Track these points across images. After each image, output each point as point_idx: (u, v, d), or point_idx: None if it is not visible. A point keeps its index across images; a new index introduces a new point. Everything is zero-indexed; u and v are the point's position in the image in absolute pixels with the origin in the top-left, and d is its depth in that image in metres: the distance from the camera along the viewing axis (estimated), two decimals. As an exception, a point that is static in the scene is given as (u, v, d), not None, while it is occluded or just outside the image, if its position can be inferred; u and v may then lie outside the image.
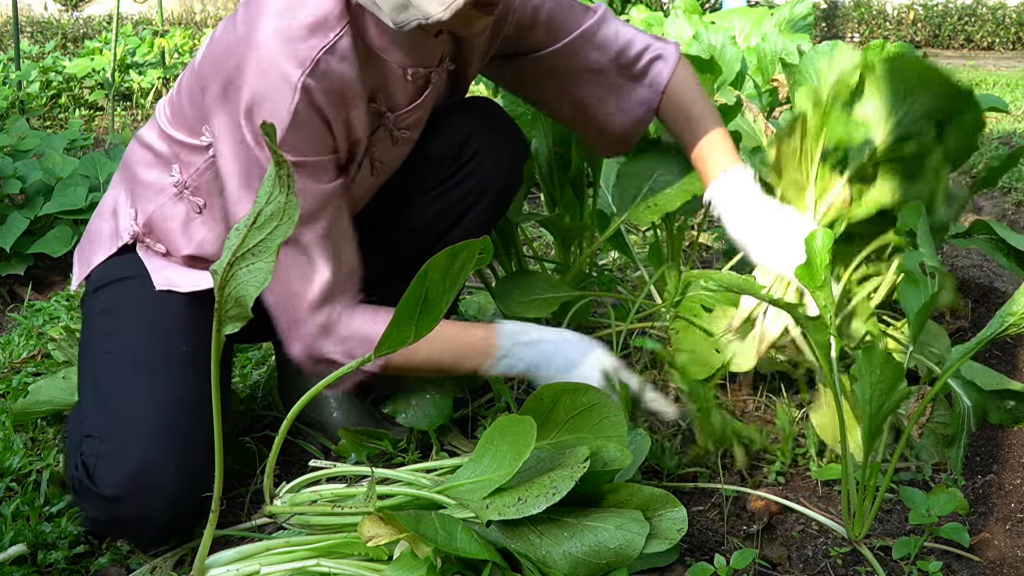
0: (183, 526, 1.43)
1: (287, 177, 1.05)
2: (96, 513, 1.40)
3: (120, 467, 1.37)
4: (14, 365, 2.18)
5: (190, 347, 1.50)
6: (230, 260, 1.07)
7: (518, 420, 1.24)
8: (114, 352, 1.50)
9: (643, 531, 1.21)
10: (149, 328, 1.51)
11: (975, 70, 8.35)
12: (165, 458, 1.37)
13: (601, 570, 1.20)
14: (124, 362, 1.48)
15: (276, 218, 1.07)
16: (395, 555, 1.20)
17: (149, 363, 1.47)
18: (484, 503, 1.19)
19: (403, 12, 1.32)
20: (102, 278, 1.58)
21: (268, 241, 1.08)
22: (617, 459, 1.28)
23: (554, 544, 1.20)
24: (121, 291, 1.55)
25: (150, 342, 1.50)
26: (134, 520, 1.37)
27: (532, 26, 1.64)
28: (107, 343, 1.51)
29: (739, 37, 3.93)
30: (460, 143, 1.66)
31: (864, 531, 1.37)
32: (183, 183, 1.52)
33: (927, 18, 11.03)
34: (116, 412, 1.43)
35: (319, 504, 1.33)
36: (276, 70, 1.34)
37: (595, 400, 1.34)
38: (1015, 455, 1.60)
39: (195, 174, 1.51)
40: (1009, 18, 10.80)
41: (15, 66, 5.61)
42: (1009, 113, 4.87)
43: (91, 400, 1.48)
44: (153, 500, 1.36)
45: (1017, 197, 3.20)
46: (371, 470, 1.32)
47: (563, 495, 1.16)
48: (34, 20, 11.21)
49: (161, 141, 1.55)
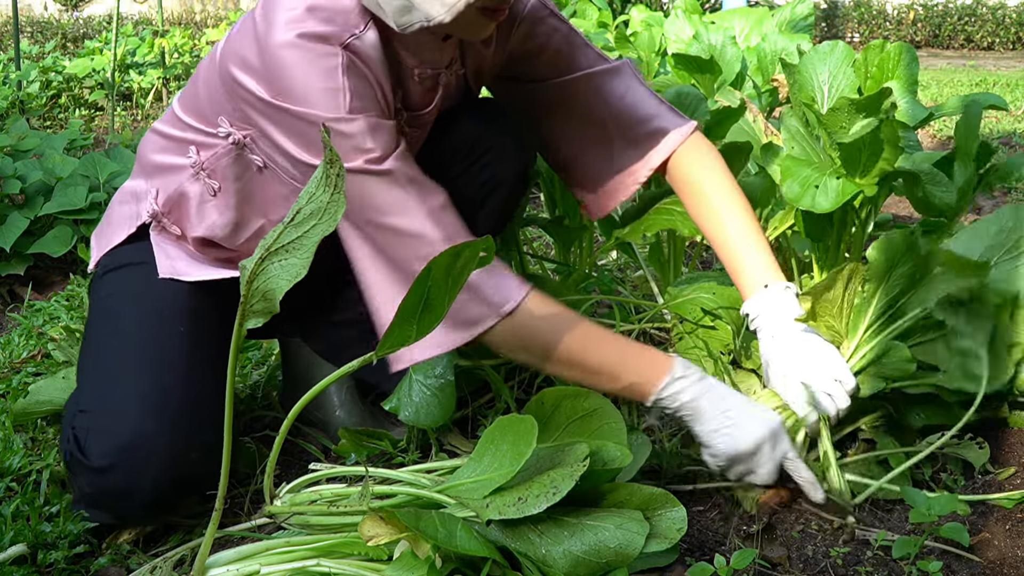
0: (172, 502, 1.45)
1: (336, 177, 1.06)
2: (88, 487, 1.42)
3: (111, 438, 1.39)
4: (14, 365, 2.18)
5: (188, 329, 1.52)
6: (262, 255, 1.08)
7: (519, 420, 1.24)
8: (113, 332, 1.53)
9: (643, 530, 1.21)
10: (149, 311, 1.54)
11: (975, 70, 8.35)
12: (156, 430, 1.39)
13: (601, 569, 1.20)
14: (121, 341, 1.51)
15: (315, 216, 1.08)
16: (395, 555, 1.20)
17: (145, 341, 1.50)
18: (484, 502, 1.19)
19: (406, 14, 1.34)
20: (112, 263, 1.61)
21: (304, 239, 1.09)
22: (617, 458, 1.28)
23: (554, 543, 1.20)
24: (127, 276, 1.58)
25: (149, 323, 1.52)
26: (123, 491, 1.39)
27: (540, 51, 1.64)
28: (107, 325, 1.55)
29: (739, 37, 3.93)
30: (471, 143, 1.66)
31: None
32: (200, 164, 1.54)
33: (927, 18, 11.04)
34: (109, 387, 1.45)
35: (318, 504, 1.33)
36: (316, 49, 1.35)
37: (596, 405, 1.34)
38: (1015, 455, 1.60)
39: (212, 158, 1.53)
40: (1009, 18, 10.81)
41: (15, 66, 5.61)
42: (1009, 113, 4.87)
43: (87, 378, 1.51)
44: (143, 470, 1.38)
45: (1017, 197, 3.20)
46: (367, 470, 1.32)
47: (564, 495, 1.16)
48: (34, 20, 11.21)
49: (177, 129, 1.58)
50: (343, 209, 1.08)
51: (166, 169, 1.59)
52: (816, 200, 1.59)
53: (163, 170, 1.60)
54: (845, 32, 11.33)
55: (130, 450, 1.38)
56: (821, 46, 1.81)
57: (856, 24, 11.22)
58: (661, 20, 3.98)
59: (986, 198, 3.32)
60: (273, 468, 1.32)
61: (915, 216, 2.98)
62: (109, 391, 1.45)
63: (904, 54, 1.77)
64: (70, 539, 1.44)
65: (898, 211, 3.16)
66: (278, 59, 1.36)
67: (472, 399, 1.80)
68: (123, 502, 1.41)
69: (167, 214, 1.60)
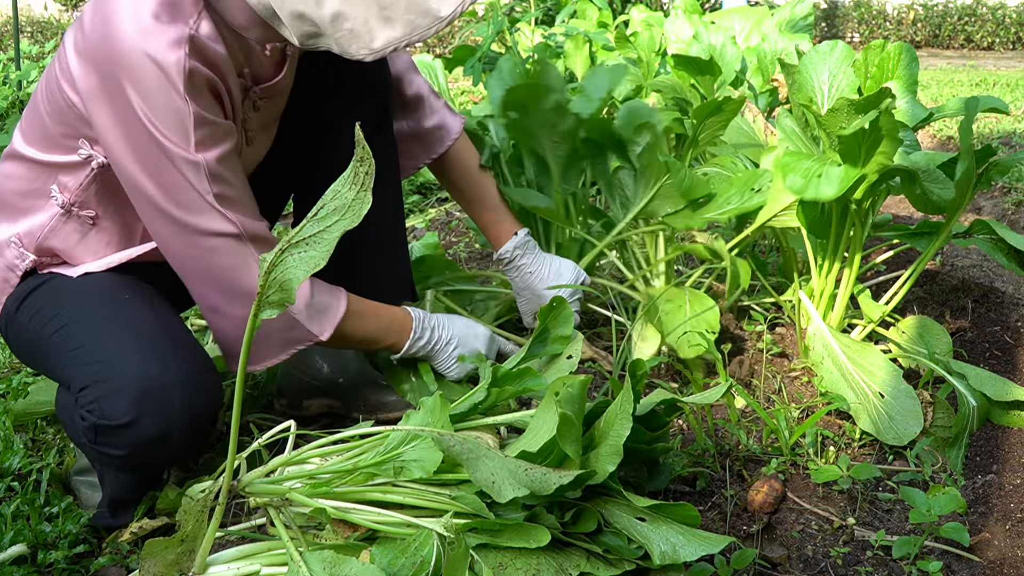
0: (208, 437, 1.49)
1: (365, 175, 1.07)
2: (124, 449, 1.39)
3: (125, 394, 1.37)
4: (14, 365, 2.18)
5: (131, 295, 1.52)
6: (282, 247, 1.10)
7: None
8: (67, 324, 1.49)
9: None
10: (89, 296, 1.52)
11: (975, 70, 8.35)
12: (162, 368, 1.39)
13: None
14: (80, 326, 1.48)
15: (338, 212, 1.09)
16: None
17: (105, 316, 1.48)
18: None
19: (312, 38, 1.35)
20: (14, 303, 1.56)
21: (325, 233, 1.10)
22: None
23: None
24: (40, 295, 1.54)
25: (97, 304, 1.50)
26: (159, 436, 1.38)
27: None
28: (53, 325, 1.50)
29: (739, 37, 3.92)
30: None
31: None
32: (68, 203, 1.50)
33: (927, 18, 11.03)
34: (97, 358, 1.42)
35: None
36: (154, 58, 1.33)
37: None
38: (1015, 455, 1.60)
39: (79, 190, 1.50)
40: (1009, 18, 10.80)
41: (15, 66, 5.61)
42: (1009, 114, 4.87)
43: (68, 367, 1.47)
44: (168, 407, 1.38)
45: (1017, 197, 3.20)
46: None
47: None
48: (34, 20, 11.20)
49: (29, 170, 1.52)
50: (367, 207, 1.09)
51: (28, 215, 1.53)
52: (820, 189, 1.59)
53: (25, 216, 1.54)
54: (845, 32, 11.32)
55: (148, 394, 1.37)
56: (821, 46, 1.81)
57: (856, 24, 11.21)
58: (661, 20, 3.97)
59: (985, 198, 3.32)
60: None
61: (915, 216, 2.98)
62: (100, 360, 1.42)
63: (904, 54, 1.77)
64: (70, 539, 1.44)
65: (898, 211, 3.16)
66: (121, 71, 1.35)
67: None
68: (160, 448, 1.40)
69: (46, 257, 1.55)
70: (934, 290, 2.33)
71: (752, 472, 1.59)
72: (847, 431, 1.72)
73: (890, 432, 1.65)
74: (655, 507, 1.24)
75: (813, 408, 1.78)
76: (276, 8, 1.34)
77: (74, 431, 1.49)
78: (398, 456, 1.27)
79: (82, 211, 1.51)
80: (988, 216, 3.08)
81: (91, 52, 1.37)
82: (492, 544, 1.20)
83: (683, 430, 1.73)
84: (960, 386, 1.70)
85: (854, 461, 1.61)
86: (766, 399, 1.82)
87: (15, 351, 1.62)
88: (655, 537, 1.21)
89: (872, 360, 1.75)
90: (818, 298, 1.91)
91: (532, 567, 1.17)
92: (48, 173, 1.51)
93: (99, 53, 1.35)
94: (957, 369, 1.73)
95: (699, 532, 1.22)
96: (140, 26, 1.33)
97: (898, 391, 1.69)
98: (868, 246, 2.15)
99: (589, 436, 1.31)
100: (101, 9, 1.36)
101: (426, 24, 1.30)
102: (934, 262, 2.53)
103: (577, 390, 1.27)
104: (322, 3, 1.30)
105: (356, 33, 1.31)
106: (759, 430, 1.72)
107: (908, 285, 1.89)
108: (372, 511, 1.28)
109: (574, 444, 1.22)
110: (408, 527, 1.24)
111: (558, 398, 1.26)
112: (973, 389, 1.69)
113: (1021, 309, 2.16)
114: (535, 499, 1.21)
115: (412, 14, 1.30)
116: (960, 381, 1.71)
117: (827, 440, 1.68)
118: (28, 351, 1.58)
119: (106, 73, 1.35)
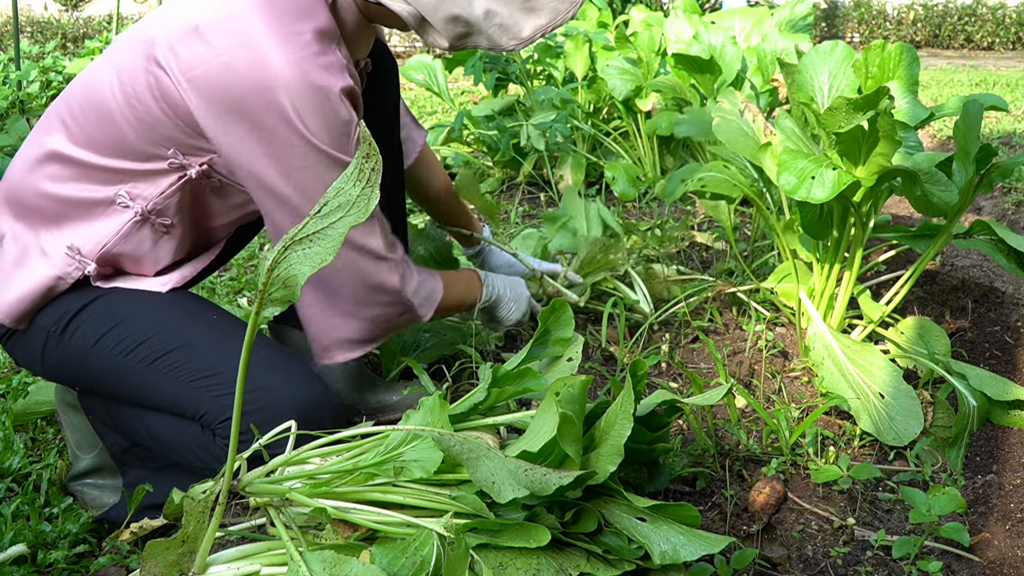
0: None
1: (371, 172, 1.07)
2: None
3: (284, 420, 1.36)
4: (14, 365, 2.18)
5: (217, 313, 1.54)
6: (285, 244, 1.09)
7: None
8: (172, 350, 1.46)
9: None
10: (174, 317, 1.51)
11: (975, 70, 8.35)
12: (311, 390, 1.47)
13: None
14: (190, 350, 1.46)
15: (342, 209, 1.09)
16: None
17: (213, 337, 1.49)
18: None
19: (464, 38, 1.41)
20: (54, 320, 1.50)
21: (330, 229, 1.10)
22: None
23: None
24: (102, 314, 1.49)
25: (195, 324, 1.50)
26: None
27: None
28: (145, 350, 1.47)
29: (739, 37, 3.92)
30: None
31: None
32: (146, 210, 1.47)
33: (927, 18, 11.03)
34: (222, 387, 1.43)
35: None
36: (319, 87, 1.36)
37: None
38: (1015, 455, 1.60)
39: (160, 198, 1.47)
40: (1009, 18, 10.81)
41: (15, 66, 5.61)
42: (1009, 113, 4.87)
43: (186, 396, 1.45)
44: (321, 425, 1.42)
45: (1017, 197, 3.20)
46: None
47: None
48: (34, 20, 11.20)
49: (85, 175, 1.47)
50: (375, 202, 1.09)
51: (92, 221, 1.49)
52: (812, 190, 1.59)
53: (88, 223, 1.49)
54: (845, 32, 11.32)
55: (307, 416, 1.41)
56: (821, 46, 1.81)
57: (856, 24, 11.22)
58: (661, 20, 3.97)
59: (985, 198, 3.32)
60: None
61: (915, 216, 2.98)
62: (250, 389, 1.41)
63: (905, 54, 1.77)
64: (70, 539, 1.44)
65: (898, 211, 3.16)
66: (277, 97, 1.37)
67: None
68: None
69: (109, 265, 1.52)
70: (934, 290, 2.33)
71: (752, 472, 1.59)
72: (847, 431, 1.72)
73: (890, 432, 1.65)
74: (655, 507, 1.24)
75: (813, 408, 1.78)
76: (427, 15, 1.38)
77: (197, 456, 1.48)
78: (398, 456, 1.27)
79: (159, 219, 1.49)
80: (988, 216, 3.08)
81: (231, 76, 1.35)
82: (492, 544, 1.20)
83: (683, 430, 1.73)
84: (960, 386, 1.70)
85: (854, 461, 1.61)
86: (766, 399, 1.82)
87: (50, 368, 1.54)
88: (655, 537, 1.21)
89: (872, 360, 1.75)
90: (818, 298, 1.91)
91: (532, 567, 1.17)
92: (115, 179, 1.46)
93: (246, 77, 1.34)
94: (957, 369, 1.74)
95: (699, 532, 1.22)
96: (298, 56, 1.35)
97: (898, 391, 1.69)
98: (868, 246, 2.15)
99: (589, 436, 1.31)
100: (237, 35, 1.35)
101: (566, 8, 1.40)
102: (934, 262, 2.53)
103: (578, 390, 1.27)
104: (473, 3, 1.37)
105: (505, 26, 1.39)
106: (759, 430, 1.72)
107: (908, 286, 1.89)
108: (372, 511, 1.27)
109: (574, 444, 1.22)
110: (408, 527, 1.23)
111: (558, 398, 1.26)
112: (973, 389, 1.69)
113: (1021, 309, 2.16)
114: (535, 499, 1.21)
115: (554, 1, 1.39)
116: (960, 381, 1.71)
117: (827, 440, 1.69)
118: (86, 372, 1.52)
119: (254, 98, 1.35)
